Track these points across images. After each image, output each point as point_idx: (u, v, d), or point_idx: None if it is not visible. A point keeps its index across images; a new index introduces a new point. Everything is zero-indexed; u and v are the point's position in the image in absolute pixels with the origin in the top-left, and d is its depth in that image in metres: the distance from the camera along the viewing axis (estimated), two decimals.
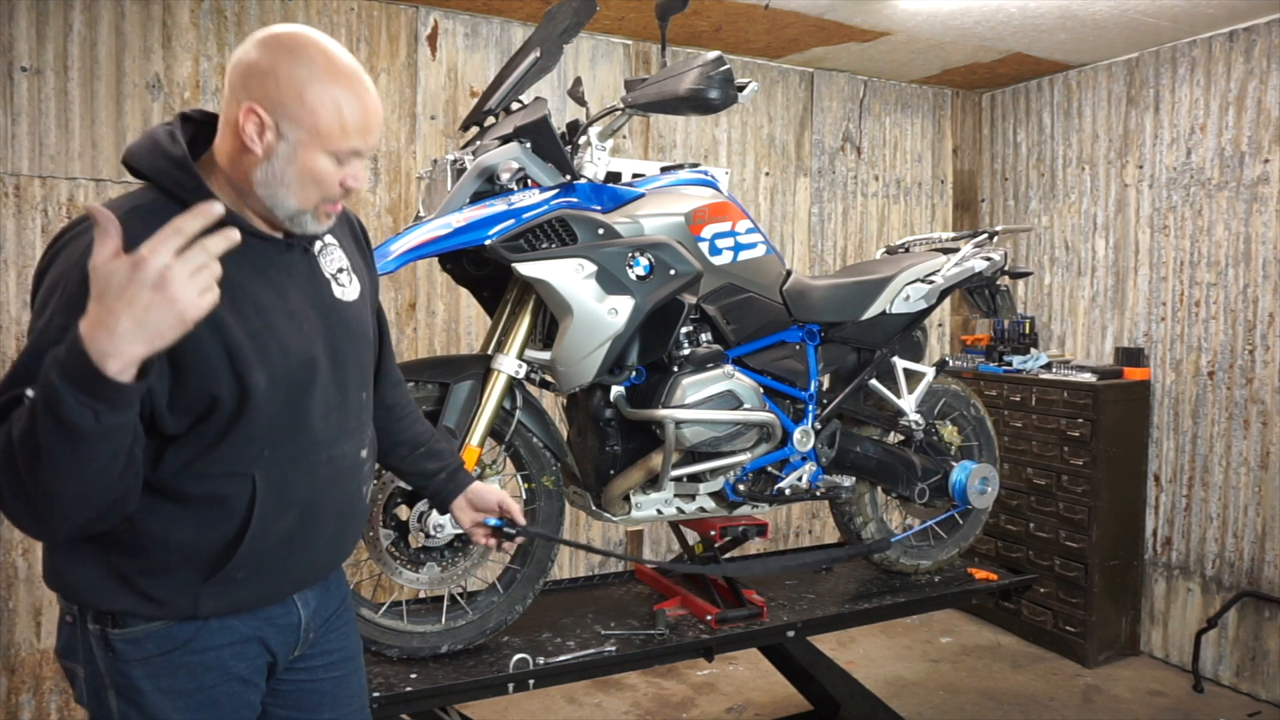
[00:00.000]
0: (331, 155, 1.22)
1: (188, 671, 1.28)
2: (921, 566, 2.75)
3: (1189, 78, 3.88)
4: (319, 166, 1.22)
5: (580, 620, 2.35)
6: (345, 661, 1.52)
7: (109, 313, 0.98)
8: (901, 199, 4.76)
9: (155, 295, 0.98)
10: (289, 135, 1.19)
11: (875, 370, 2.54)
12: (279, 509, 1.29)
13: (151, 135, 1.26)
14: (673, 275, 2.02)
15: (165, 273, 0.98)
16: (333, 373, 1.36)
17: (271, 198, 1.23)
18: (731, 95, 1.90)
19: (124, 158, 1.28)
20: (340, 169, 1.25)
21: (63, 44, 3.04)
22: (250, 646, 1.34)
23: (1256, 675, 3.65)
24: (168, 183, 1.22)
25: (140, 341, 1.00)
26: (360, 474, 1.44)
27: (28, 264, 3.03)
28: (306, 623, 1.42)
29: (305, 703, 1.47)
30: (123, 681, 1.26)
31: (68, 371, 0.99)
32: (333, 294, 1.39)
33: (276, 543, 1.30)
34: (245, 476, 1.25)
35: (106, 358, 0.98)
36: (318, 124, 1.19)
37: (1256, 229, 3.65)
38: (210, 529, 1.25)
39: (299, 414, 1.30)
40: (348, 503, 1.42)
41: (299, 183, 1.22)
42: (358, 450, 1.43)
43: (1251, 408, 3.68)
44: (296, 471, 1.30)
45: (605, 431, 2.18)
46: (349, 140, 1.22)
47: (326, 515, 1.37)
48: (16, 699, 3.09)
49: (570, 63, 3.84)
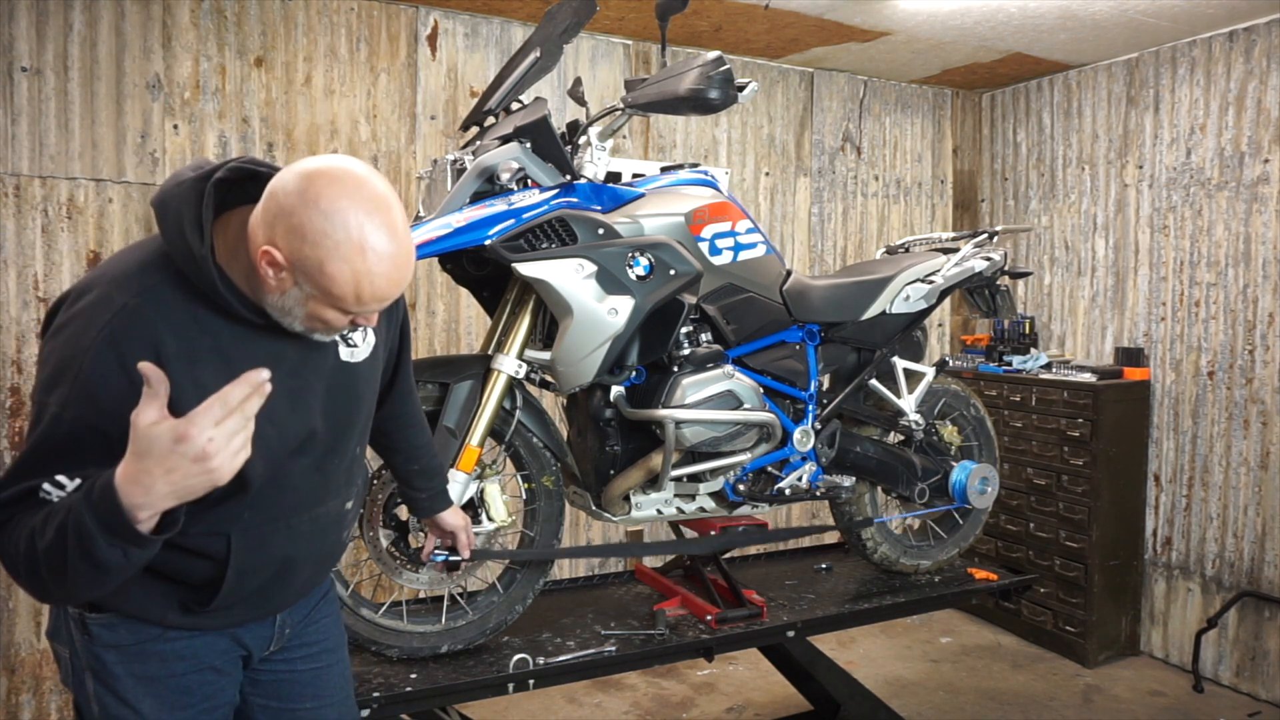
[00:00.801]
0: (342, 313, 1.19)
1: (159, 659, 1.31)
2: (921, 566, 2.74)
3: (1189, 78, 3.88)
4: (328, 317, 1.19)
5: (580, 620, 2.35)
6: (325, 654, 1.54)
7: (147, 474, 1.02)
8: (901, 199, 4.76)
9: (195, 467, 1.02)
10: (304, 286, 1.15)
11: (875, 370, 2.54)
12: (255, 566, 1.31)
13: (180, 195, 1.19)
14: (673, 275, 2.01)
15: (207, 446, 1.01)
16: (329, 438, 1.35)
17: (279, 318, 1.21)
18: (731, 95, 1.90)
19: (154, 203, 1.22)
20: (344, 321, 1.22)
21: (63, 44, 3.04)
22: (222, 640, 1.37)
23: (1256, 675, 3.65)
24: (185, 268, 1.18)
25: (172, 499, 1.04)
26: (343, 524, 1.47)
27: (27, 264, 3.03)
28: (281, 620, 1.45)
29: (284, 693, 1.49)
30: (98, 665, 1.30)
31: (101, 516, 1.03)
32: (338, 357, 1.37)
33: (252, 592, 1.33)
34: (221, 536, 1.26)
35: (139, 510, 1.03)
36: (331, 290, 1.14)
37: (1256, 229, 3.65)
38: (184, 576, 1.29)
39: (283, 479, 1.30)
40: (327, 552, 1.45)
41: (306, 321, 1.20)
42: (343, 504, 1.44)
43: (1251, 408, 3.67)
44: (275, 532, 1.32)
45: (605, 431, 2.18)
46: (362, 307, 1.18)
47: (304, 566, 1.40)
48: (16, 699, 3.09)
49: (570, 63, 3.84)
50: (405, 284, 1.20)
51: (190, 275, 1.18)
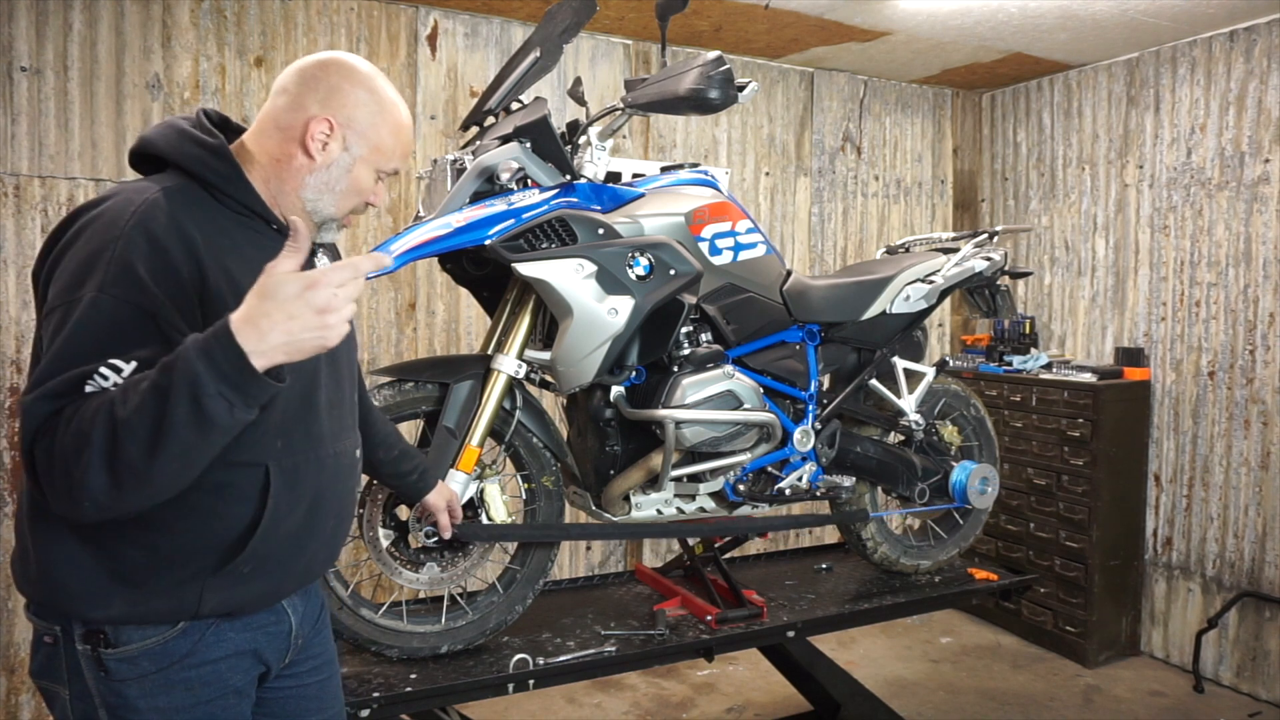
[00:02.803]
0: (375, 171, 1.35)
1: (185, 687, 1.26)
2: (921, 566, 2.74)
3: (1189, 78, 3.88)
4: (366, 181, 1.34)
5: (580, 620, 2.35)
6: (326, 665, 1.54)
7: (267, 317, 1.03)
8: (901, 199, 4.76)
9: (315, 319, 1.05)
10: (353, 148, 1.31)
11: (875, 370, 2.54)
12: (290, 501, 1.29)
13: (174, 125, 1.29)
14: (673, 275, 2.01)
15: (331, 301, 1.05)
16: (330, 369, 1.38)
17: (315, 201, 1.32)
18: (731, 95, 1.90)
19: (139, 147, 1.28)
20: (374, 186, 1.37)
21: (62, 44, 3.04)
22: (244, 659, 1.34)
23: (1257, 675, 3.65)
24: (201, 169, 1.25)
25: (282, 353, 1.05)
26: (356, 472, 1.48)
27: (27, 264, 3.03)
28: (296, 629, 1.43)
29: (293, 709, 1.47)
30: (116, 701, 1.24)
31: (214, 361, 1.02)
32: None
33: (286, 536, 1.30)
34: (259, 467, 1.25)
35: (253, 356, 1.03)
36: (380, 143, 1.33)
37: (1257, 229, 3.65)
38: (221, 519, 1.24)
39: (309, 407, 1.32)
40: (346, 500, 1.44)
41: (346, 193, 1.33)
42: (354, 448, 1.46)
43: (1252, 408, 3.67)
44: (307, 464, 1.32)
45: (605, 431, 2.18)
46: (394, 161, 1.36)
47: (329, 511, 1.39)
48: (16, 699, 3.09)
49: (570, 63, 3.84)
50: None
51: (207, 174, 1.24)
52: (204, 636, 1.28)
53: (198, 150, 1.25)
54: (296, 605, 1.43)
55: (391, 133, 1.34)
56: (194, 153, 1.25)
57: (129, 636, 1.23)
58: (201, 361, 1.02)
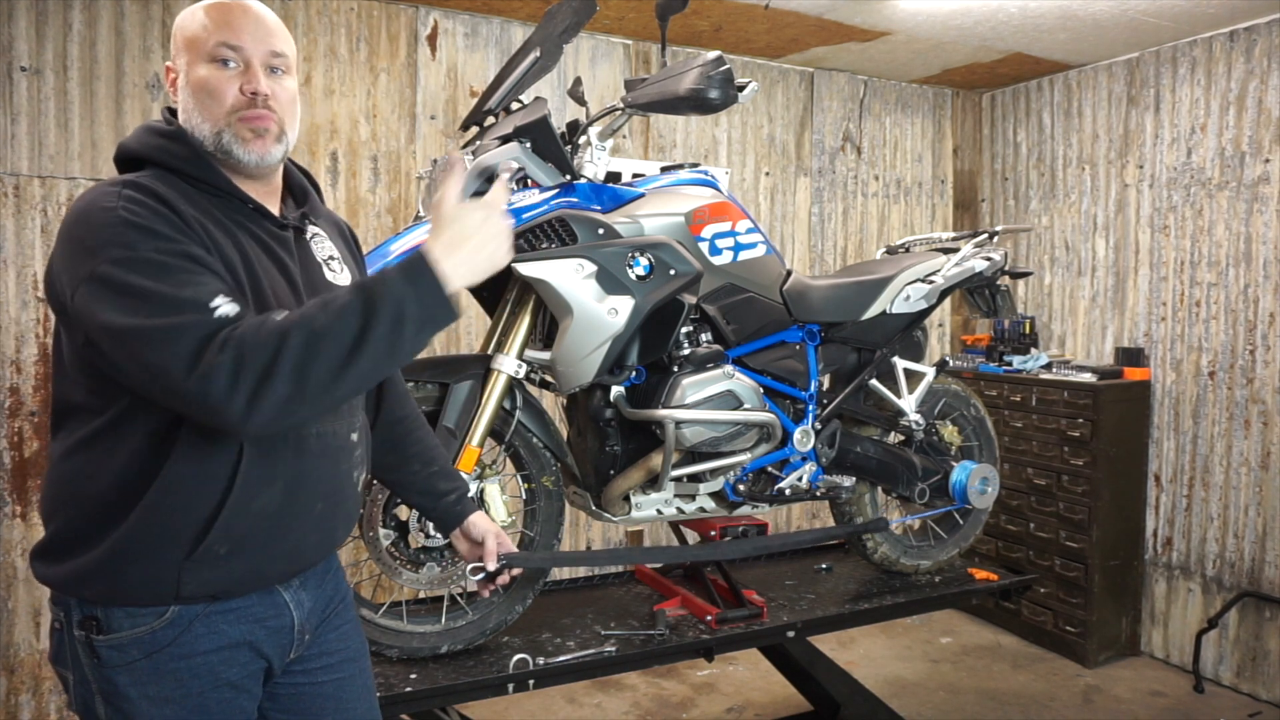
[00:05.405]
0: (209, 61, 1.29)
1: (174, 678, 1.25)
2: (921, 566, 2.74)
3: (1189, 77, 3.88)
4: (202, 74, 1.29)
5: (580, 620, 2.35)
6: (346, 663, 1.49)
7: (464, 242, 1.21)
8: (901, 199, 4.76)
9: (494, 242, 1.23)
10: (179, 64, 1.32)
11: (875, 370, 2.54)
12: (260, 480, 1.26)
13: (142, 125, 1.35)
14: (673, 275, 2.01)
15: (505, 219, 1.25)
16: None
17: (195, 131, 1.29)
18: (731, 95, 1.90)
19: (116, 154, 1.33)
20: (229, 75, 1.29)
21: (62, 44, 3.04)
22: (240, 652, 1.31)
23: (1257, 675, 3.65)
24: (165, 157, 1.29)
25: (467, 274, 1.21)
26: (351, 457, 1.43)
27: (27, 264, 3.03)
28: (300, 624, 1.39)
29: (305, 706, 1.44)
30: (109, 688, 1.24)
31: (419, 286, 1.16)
32: (325, 277, 1.42)
33: (260, 515, 1.28)
34: (232, 445, 1.23)
35: (449, 280, 1.18)
36: (193, 35, 1.30)
37: (1257, 229, 3.65)
38: (192, 496, 1.23)
39: None
40: (337, 484, 1.40)
41: (196, 101, 1.29)
42: (348, 432, 1.41)
43: (1252, 408, 3.67)
44: (284, 444, 1.29)
45: (605, 431, 2.18)
46: (213, 37, 1.28)
47: (314, 494, 1.35)
48: (16, 699, 3.09)
49: (570, 63, 3.84)
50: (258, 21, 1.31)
51: (170, 161, 1.28)
52: (192, 626, 1.26)
53: (159, 140, 1.30)
54: (301, 599, 1.39)
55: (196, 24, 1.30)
56: (156, 143, 1.30)
57: (119, 624, 1.24)
58: (408, 285, 1.15)
